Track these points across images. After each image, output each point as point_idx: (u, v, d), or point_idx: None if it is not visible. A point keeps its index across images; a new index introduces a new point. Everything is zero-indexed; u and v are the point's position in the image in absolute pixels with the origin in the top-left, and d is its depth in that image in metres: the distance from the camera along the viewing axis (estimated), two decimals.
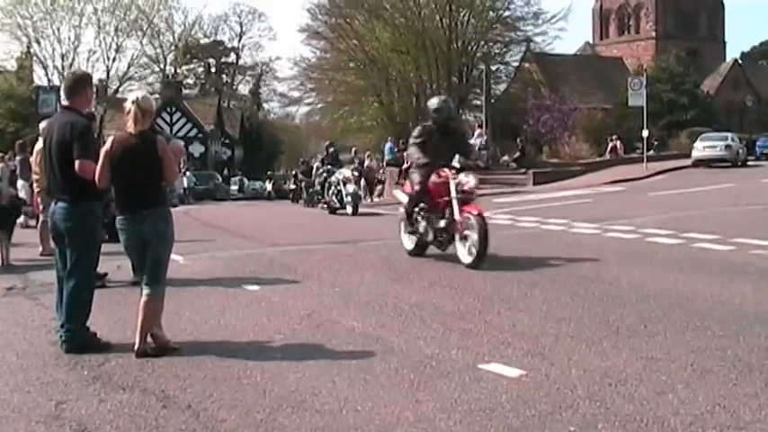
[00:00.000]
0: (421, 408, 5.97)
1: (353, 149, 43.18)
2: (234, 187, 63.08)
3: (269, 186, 58.99)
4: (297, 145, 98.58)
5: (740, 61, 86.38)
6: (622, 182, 34.21)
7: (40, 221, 15.16)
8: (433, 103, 14.07)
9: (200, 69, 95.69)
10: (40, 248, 14.83)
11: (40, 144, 13.01)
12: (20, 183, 20.31)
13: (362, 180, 39.01)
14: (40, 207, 14.69)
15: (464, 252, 12.37)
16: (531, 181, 36.56)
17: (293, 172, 52.68)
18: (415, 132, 13.82)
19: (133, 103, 7.63)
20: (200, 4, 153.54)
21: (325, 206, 26.53)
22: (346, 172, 25.55)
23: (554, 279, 11.07)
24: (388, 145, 42.52)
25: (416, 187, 13.39)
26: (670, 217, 18.50)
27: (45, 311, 9.54)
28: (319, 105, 73.64)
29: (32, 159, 14.71)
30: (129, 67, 69.49)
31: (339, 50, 65.51)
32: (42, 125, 13.98)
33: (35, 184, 14.72)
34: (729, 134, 46.50)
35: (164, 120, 65.18)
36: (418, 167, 13.44)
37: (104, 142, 8.11)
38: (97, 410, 6.11)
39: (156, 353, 7.53)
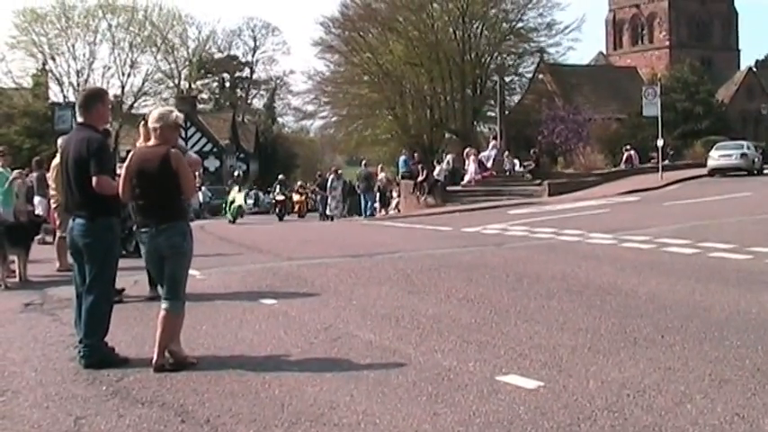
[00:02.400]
0: (439, 420, 5.97)
1: (363, 162, 43.21)
2: (249, 201, 63.02)
3: (278, 196, 41.79)
4: (312, 159, 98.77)
5: (755, 69, 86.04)
6: (638, 192, 34.09)
7: (57, 237, 15.23)
8: None
9: (215, 84, 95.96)
10: (58, 264, 14.89)
11: (56, 160, 13.11)
12: (36, 199, 20.39)
13: (378, 193, 39.19)
14: (57, 223, 14.77)
15: None
16: (546, 192, 36.48)
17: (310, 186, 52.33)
18: None
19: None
20: (213, 18, 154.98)
21: None
22: None
23: (570, 290, 11.06)
24: (402, 158, 42.60)
25: None
26: (686, 226, 18.45)
27: (63, 327, 9.58)
28: (334, 119, 73.66)
29: (49, 175, 14.79)
30: (143, 83, 70.15)
31: (353, 64, 65.57)
32: (60, 141, 14.16)
33: (52, 200, 14.80)
34: (745, 142, 46.28)
35: (179, 135, 65.20)
36: None
37: (120, 158, 8.18)
38: (116, 426, 6.14)
39: (174, 367, 7.55)
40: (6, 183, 16.48)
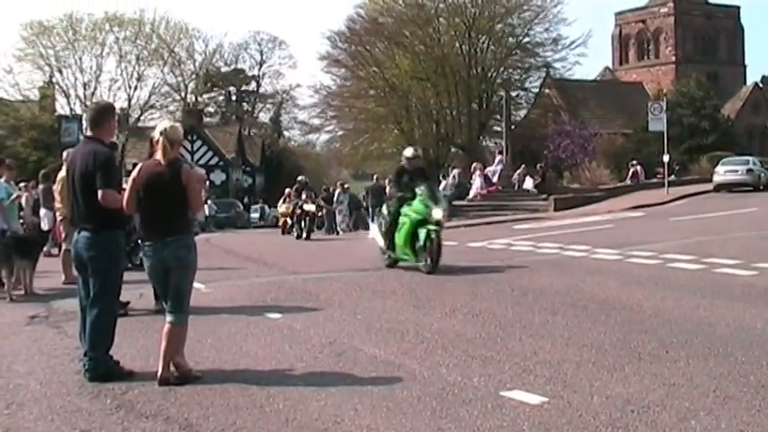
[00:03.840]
0: None
1: (375, 176, 43.23)
2: (255, 215, 63.10)
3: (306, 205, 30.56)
4: (318, 172, 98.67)
5: (761, 84, 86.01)
6: (643, 207, 34.05)
7: (62, 250, 15.26)
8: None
9: (221, 97, 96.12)
10: (63, 277, 14.91)
11: (62, 173, 13.20)
12: (42, 211, 20.41)
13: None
14: (63, 235, 14.79)
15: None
16: (551, 207, 36.47)
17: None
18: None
19: (161, 133, 7.70)
20: (220, 32, 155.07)
21: None
22: None
23: (575, 305, 11.05)
24: None
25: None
26: (691, 242, 18.43)
27: (68, 340, 9.59)
28: (340, 133, 73.66)
29: (55, 188, 14.82)
30: (150, 96, 70.21)
31: (359, 78, 65.62)
32: (65, 154, 14.26)
33: (57, 213, 14.83)
34: (751, 158, 46.23)
35: (185, 148, 65.09)
36: None
37: (126, 171, 8.19)
38: None
39: (179, 381, 7.55)
40: (10, 198, 16.51)
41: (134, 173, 7.80)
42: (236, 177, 75.50)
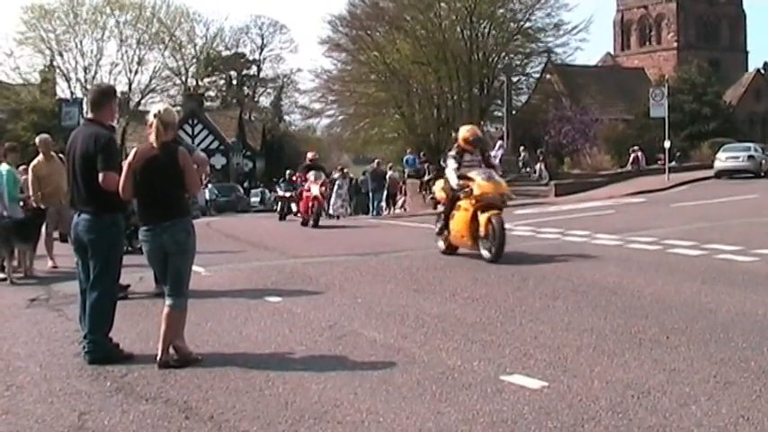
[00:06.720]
0: (443, 419, 5.97)
1: (376, 161, 43.23)
2: (255, 199, 63.10)
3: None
4: (318, 157, 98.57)
5: (763, 71, 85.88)
6: (644, 193, 34.05)
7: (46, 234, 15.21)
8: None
9: (222, 82, 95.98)
10: (50, 262, 14.90)
11: (40, 157, 14.87)
12: None
13: (385, 191, 39.18)
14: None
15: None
16: (552, 192, 36.47)
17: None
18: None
19: (155, 116, 7.66)
20: (221, 16, 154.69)
21: None
22: None
23: (576, 290, 11.04)
24: (406, 157, 42.59)
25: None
26: (692, 228, 18.41)
27: (68, 322, 9.59)
28: (340, 117, 73.51)
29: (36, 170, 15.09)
30: (150, 80, 70.39)
31: (360, 62, 65.48)
32: (38, 140, 15.30)
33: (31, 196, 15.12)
34: (752, 145, 46.18)
35: (185, 132, 65.19)
36: None
37: (126, 154, 8.16)
38: (120, 421, 6.14)
39: (179, 364, 7.55)
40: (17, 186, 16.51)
41: (129, 157, 7.77)
42: (236, 162, 75.43)
